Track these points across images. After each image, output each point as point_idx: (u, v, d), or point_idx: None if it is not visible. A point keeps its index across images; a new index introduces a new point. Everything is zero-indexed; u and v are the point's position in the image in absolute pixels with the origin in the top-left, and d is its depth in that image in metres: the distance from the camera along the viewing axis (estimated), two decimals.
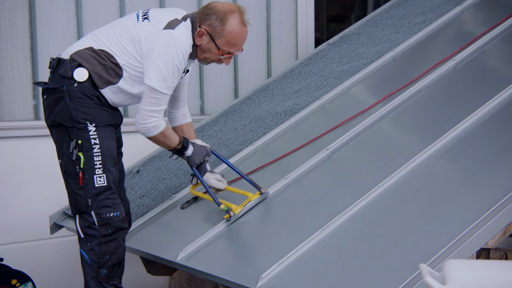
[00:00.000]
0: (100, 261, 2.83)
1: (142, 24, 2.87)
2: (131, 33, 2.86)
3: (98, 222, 2.81)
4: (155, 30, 2.84)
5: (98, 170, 2.81)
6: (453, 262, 2.03)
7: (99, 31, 2.95)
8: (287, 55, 5.10)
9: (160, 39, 2.81)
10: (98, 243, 2.82)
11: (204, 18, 2.89)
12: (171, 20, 2.87)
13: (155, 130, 2.91)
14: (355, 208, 2.81)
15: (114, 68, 2.85)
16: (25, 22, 4.16)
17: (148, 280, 4.39)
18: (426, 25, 4.17)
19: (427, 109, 3.45)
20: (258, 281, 2.54)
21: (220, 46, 2.90)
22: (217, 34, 2.88)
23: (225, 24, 2.87)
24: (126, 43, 2.85)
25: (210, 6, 2.92)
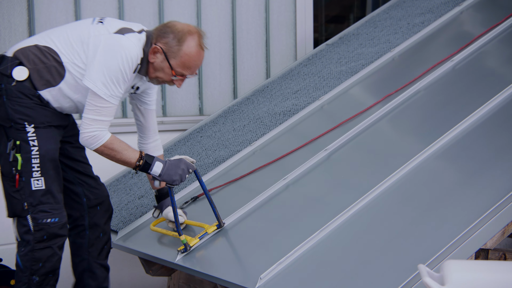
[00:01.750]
0: (33, 268, 2.74)
1: (95, 26, 2.78)
2: (82, 33, 2.76)
3: (34, 227, 2.71)
4: (105, 33, 2.74)
5: (35, 173, 2.70)
6: (452, 262, 2.04)
7: (52, 29, 2.87)
8: (286, 56, 5.10)
9: (107, 42, 2.70)
10: (32, 249, 2.72)
11: (161, 36, 2.78)
12: (125, 28, 2.78)
13: (96, 142, 2.72)
14: (354, 209, 2.81)
15: (56, 67, 2.74)
16: (23, 23, 4.16)
17: (146, 281, 4.39)
18: (425, 26, 4.17)
19: (426, 109, 3.45)
20: (257, 282, 2.54)
21: (173, 67, 2.77)
22: (172, 54, 2.76)
23: (182, 44, 2.76)
24: (75, 41, 2.75)
25: (169, 25, 2.81)
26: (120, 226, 3.37)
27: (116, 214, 3.50)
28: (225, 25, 4.84)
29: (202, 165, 3.68)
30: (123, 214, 3.48)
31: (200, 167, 3.67)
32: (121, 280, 4.37)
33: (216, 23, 4.80)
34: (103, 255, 3.09)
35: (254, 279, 2.57)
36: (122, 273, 4.36)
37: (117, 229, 3.35)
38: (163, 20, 4.57)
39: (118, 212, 3.51)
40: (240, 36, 4.90)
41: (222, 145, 3.83)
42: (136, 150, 2.82)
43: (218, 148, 3.80)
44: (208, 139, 3.97)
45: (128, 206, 3.55)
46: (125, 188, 3.78)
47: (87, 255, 3.05)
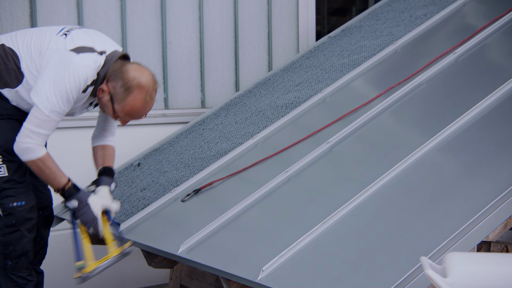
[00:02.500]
0: (5, 252, 2.78)
1: (57, 38, 2.74)
2: (42, 42, 2.74)
3: (3, 212, 2.76)
4: (62, 48, 2.70)
5: None
6: (454, 255, 2.04)
7: (21, 31, 2.87)
8: (288, 48, 5.09)
9: (60, 58, 2.66)
10: (2, 234, 2.76)
11: (112, 77, 2.72)
12: (84, 46, 2.71)
13: (28, 154, 2.68)
14: (356, 201, 2.81)
15: (15, 71, 2.75)
16: (25, 15, 4.16)
17: (149, 273, 4.40)
18: (428, 18, 4.16)
19: (428, 102, 3.44)
20: (259, 274, 2.55)
21: (116, 111, 2.75)
22: (118, 100, 2.72)
23: (128, 95, 2.71)
24: (34, 50, 2.74)
25: (123, 69, 2.74)
26: (122, 219, 3.37)
27: None
28: (227, 18, 4.83)
29: (204, 157, 3.68)
30: (125, 206, 3.49)
31: (202, 159, 3.67)
32: (124, 272, 4.38)
33: (218, 15, 4.79)
34: (36, 260, 3.09)
35: (256, 271, 2.57)
36: (124, 265, 4.37)
37: (119, 221, 3.35)
38: (165, 13, 4.56)
39: (121, 205, 3.52)
40: (242, 29, 4.89)
41: (224, 137, 3.83)
42: (65, 177, 2.77)
43: (220, 141, 3.80)
44: (210, 132, 3.97)
45: (130, 198, 3.56)
46: (127, 181, 3.79)
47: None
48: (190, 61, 4.71)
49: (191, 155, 3.76)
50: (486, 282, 1.94)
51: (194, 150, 3.82)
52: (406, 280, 2.30)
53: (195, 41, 4.72)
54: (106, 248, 2.87)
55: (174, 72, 4.65)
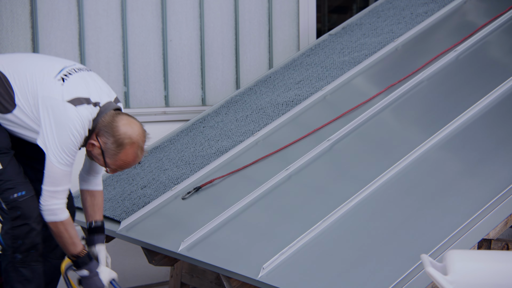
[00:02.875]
0: (14, 246, 2.76)
1: (55, 83, 2.72)
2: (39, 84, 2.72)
3: (6, 206, 2.73)
4: (59, 98, 2.68)
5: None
6: (455, 252, 2.04)
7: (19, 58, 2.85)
8: (289, 46, 5.09)
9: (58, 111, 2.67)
10: (11, 227, 2.73)
11: (103, 132, 2.72)
12: (81, 98, 2.71)
13: (52, 216, 2.71)
14: (356, 199, 2.81)
15: (7, 101, 2.73)
16: (26, 12, 4.16)
17: (149, 271, 4.40)
18: (428, 16, 4.16)
19: (428, 100, 3.44)
20: (260, 272, 2.55)
21: (108, 164, 2.76)
22: (109, 155, 2.73)
23: (120, 151, 2.71)
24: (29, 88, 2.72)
25: (114, 125, 2.72)
26: (123, 216, 3.37)
27: (119, 204, 3.50)
28: (227, 15, 4.83)
29: (204, 155, 3.68)
30: (126, 204, 3.49)
31: (202, 157, 3.67)
32: (124, 269, 4.38)
33: (219, 13, 4.78)
34: (57, 254, 3.04)
35: (256, 269, 2.57)
36: (125, 263, 4.37)
37: (120, 219, 3.35)
38: (166, 11, 4.56)
39: (121, 202, 3.52)
40: (243, 26, 4.88)
41: (224, 135, 3.83)
42: (80, 244, 2.80)
43: (221, 139, 3.80)
44: (211, 130, 3.97)
45: (131, 196, 3.56)
46: (127, 178, 3.79)
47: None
48: (191, 58, 4.70)
49: (192, 153, 3.76)
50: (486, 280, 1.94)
51: (194, 147, 3.82)
52: (406, 277, 2.30)
53: (195, 39, 4.71)
54: None
55: (174, 69, 4.65)
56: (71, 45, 4.26)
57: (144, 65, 4.52)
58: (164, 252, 3.07)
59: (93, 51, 4.33)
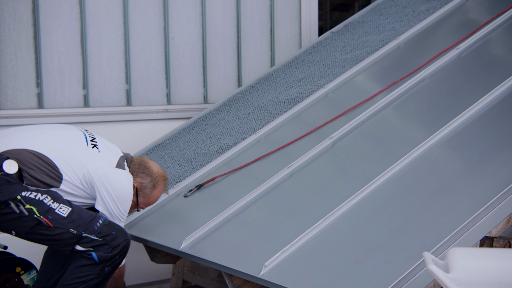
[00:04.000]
0: (110, 261, 2.84)
1: (93, 152, 2.91)
2: (80, 158, 2.87)
3: (98, 236, 2.80)
4: (109, 167, 2.90)
5: (53, 204, 2.77)
6: (457, 250, 2.03)
7: (40, 133, 2.95)
8: (291, 44, 5.08)
9: (113, 179, 2.87)
10: (111, 248, 2.82)
11: (139, 175, 3.00)
12: (119, 160, 2.95)
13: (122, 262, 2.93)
14: (358, 197, 2.81)
15: (54, 177, 2.83)
16: (28, 10, 4.15)
17: (151, 268, 4.41)
18: (431, 13, 4.15)
19: (431, 98, 3.44)
20: (262, 269, 2.55)
21: (140, 203, 3.03)
22: (143, 194, 3.01)
23: (155, 189, 3.03)
24: (73, 163, 2.85)
25: (147, 166, 3.03)
26: None
27: None
28: (229, 13, 4.82)
29: (206, 153, 3.68)
30: None
31: (204, 155, 3.67)
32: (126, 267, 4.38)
33: (221, 10, 4.78)
34: None
35: (258, 266, 2.57)
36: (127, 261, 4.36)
37: None
38: (167, 8, 4.56)
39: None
40: (245, 24, 4.88)
41: (226, 133, 3.83)
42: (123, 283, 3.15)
43: (223, 136, 3.80)
44: (213, 127, 3.97)
45: None
46: None
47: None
48: (193, 56, 4.70)
49: (194, 151, 3.76)
50: (488, 277, 1.94)
51: (196, 145, 3.82)
52: (409, 275, 2.30)
53: (197, 37, 4.71)
54: None
55: (176, 67, 4.65)
56: (73, 43, 4.26)
57: (146, 63, 4.52)
58: (166, 250, 3.07)
59: (95, 49, 4.33)
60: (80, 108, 4.29)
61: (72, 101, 4.28)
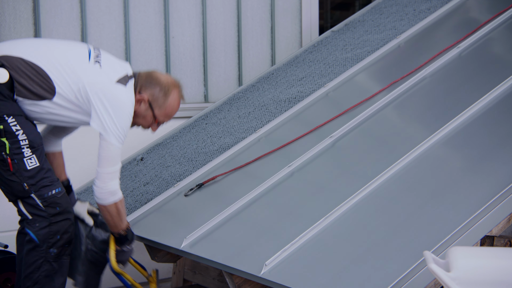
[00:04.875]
0: (50, 241, 2.76)
1: (94, 67, 2.80)
2: (78, 70, 2.77)
3: (43, 203, 2.74)
4: (107, 80, 2.79)
5: (26, 152, 2.71)
6: (458, 249, 2.03)
7: (38, 44, 2.87)
8: (291, 43, 5.08)
9: (112, 93, 2.77)
10: (49, 223, 2.74)
11: (147, 86, 2.90)
12: (123, 77, 2.84)
13: (114, 197, 2.82)
14: (359, 196, 2.81)
15: (47, 90, 2.75)
16: (28, 9, 4.15)
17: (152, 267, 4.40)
18: (431, 12, 4.15)
19: (431, 96, 3.44)
20: (262, 268, 2.55)
21: (157, 116, 2.92)
22: (158, 105, 2.91)
23: (168, 97, 2.91)
24: (69, 76, 2.75)
25: (154, 76, 2.93)
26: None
27: None
28: (230, 12, 4.82)
29: (207, 152, 3.69)
30: (128, 201, 3.49)
31: (205, 154, 3.67)
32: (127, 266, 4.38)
33: (221, 9, 4.78)
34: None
35: (259, 265, 2.57)
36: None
37: None
38: (168, 7, 4.56)
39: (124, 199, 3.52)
40: (245, 23, 4.88)
41: (227, 132, 3.83)
42: (126, 220, 2.95)
43: (223, 135, 3.80)
44: (213, 126, 3.97)
45: (133, 193, 3.56)
46: (130, 175, 3.79)
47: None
48: (193, 55, 4.70)
49: (194, 150, 3.76)
50: (489, 276, 1.94)
51: (197, 144, 3.82)
52: (409, 274, 2.30)
53: (198, 36, 4.71)
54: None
55: (177, 66, 4.65)
56: None
57: (146, 62, 4.52)
58: (167, 249, 3.07)
59: None
60: None
61: None
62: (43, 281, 2.78)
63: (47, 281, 2.79)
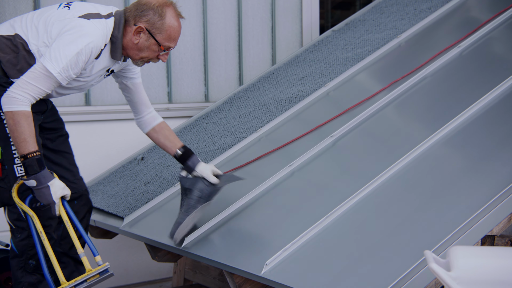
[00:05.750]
0: (29, 253, 2.73)
1: (61, 10, 2.74)
2: (46, 17, 2.72)
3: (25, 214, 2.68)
4: (70, 17, 2.69)
5: (17, 159, 2.64)
6: (458, 248, 2.03)
7: (17, 18, 2.81)
8: (292, 42, 5.08)
9: (70, 25, 2.65)
10: (28, 235, 2.70)
11: (140, 15, 2.74)
12: (91, 13, 2.73)
13: (10, 105, 2.56)
14: (359, 195, 2.81)
15: (25, 56, 2.69)
16: (29, 9, 4.16)
17: (153, 267, 4.41)
18: (432, 12, 4.15)
19: (432, 96, 3.44)
20: (263, 268, 2.55)
21: (161, 42, 2.76)
22: (157, 30, 2.74)
23: (164, 18, 2.74)
24: (39, 26, 2.70)
25: (143, 2, 2.77)
26: (126, 212, 3.38)
27: (122, 200, 3.51)
28: (230, 11, 4.82)
29: (208, 151, 3.68)
30: (129, 200, 3.49)
31: (206, 153, 3.67)
32: (127, 265, 4.39)
33: (222, 9, 4.78)
34: (74, 250, 2.96)
35: (260, 265, 2.57)
36: (128, 259, 4.38)
37: (123, 215, 3.36)
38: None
39: (124, 198, 3.52)
40: (246, 22, 4.88)
41: (227, 131, 3.83)
42: (35, 146, 2.62)
43: (224, 135, 3.80)
44: (214, 126, 3.97)
45: (134, 192, 3.56)
46: (131, 175, 3.79)
47: (58, 247, 2.95)
48: (194, 55, 4.70)
49: (195, 149, 3.76)
50: (490, 276, 1.94)
51: (197, 144, 3.82)
52: (410, 273, 2.30)
53: (198, 35, 4.71)
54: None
55: (177, 66, 4.65)
56: None
57: None
58: (168, 248, 3.07)
59: None
60: (81, 107, 4.29)
61: (73, 100, 4.28)
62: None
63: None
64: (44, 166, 2.64)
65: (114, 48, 2.76)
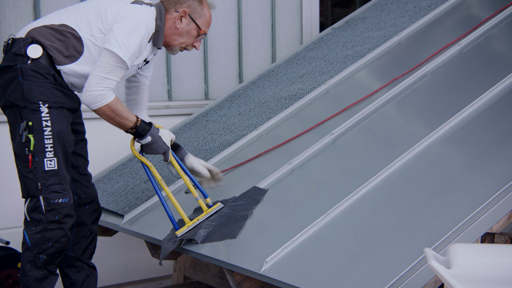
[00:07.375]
0: (42, 247, 2.76)
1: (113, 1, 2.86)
2: (96, 6, 2.83)
3: (46, 207, 2.74)
4: (122, 4, 2.83)
5: (48, 153, 2.73)
6: (458, 246, 2.04)
7: (60, 11, 2.92)
8: (292, 40, 5.08)
9: (127, 10, 2.79)
10: (44, 228, 2.74)
11: (180, 2, 2.92)
12: (136, 0, 2.87)
13: (101, 101, 2.73)
14: (359, 193, 2.81)
15: (74, 44, 2.79)
16: (29, 6, 4.15)
17: (153, 264, 4.41)
18: (432, 9, 4.15)
19: (432, 94, 3.44)
20: (263, 265, 2.55)
21: (201, 26, 2.95)
22: (198, 14, 2.93)
23: (202, 4, 2.96)
24: (91, 15, 2.80)
25: None
26: (126, 210, 3.38)
27: (122, 198, 3.51)
28: (230, 9, 4.82)
29: (207, 149, 3.68)
30: (129, 198, 3.49)
31: (205, 151, 3.67)
32: (128, 263, 4.40)
33: (222, 6, 4.78)
34: (86, 255, 3.11)
35: (259, 262, 2.57)
36: (128, 257, 4.38)
37: (123, 213, 3.36)
38: None
39: (124, 196, 3.52)
40: (246, 20, 4.88)
41: (227, 129, 3.83)
42: (133, 115, 2.86)
43: (224, 133, 3.80)
44: (214, 124, 3.97)
45: (134, 190, 3.56)
46: (131, 172, 3.80)
47: (70, 252, 3.05)
48: (194, 52, 4.70)
49: (195, 147, 3.76)
50: (490, 273, 1.94)
51: (197, 141, 3.82)
52: (410, 271, 2.30)
53: None
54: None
55: (177, 63, 4.65)
56: None
57: None
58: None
59: None
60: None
61: None
62: (33, 286, 2.79)
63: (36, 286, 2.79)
64: (151, 123, 2.92)
65: (157, 36, 2.91)
